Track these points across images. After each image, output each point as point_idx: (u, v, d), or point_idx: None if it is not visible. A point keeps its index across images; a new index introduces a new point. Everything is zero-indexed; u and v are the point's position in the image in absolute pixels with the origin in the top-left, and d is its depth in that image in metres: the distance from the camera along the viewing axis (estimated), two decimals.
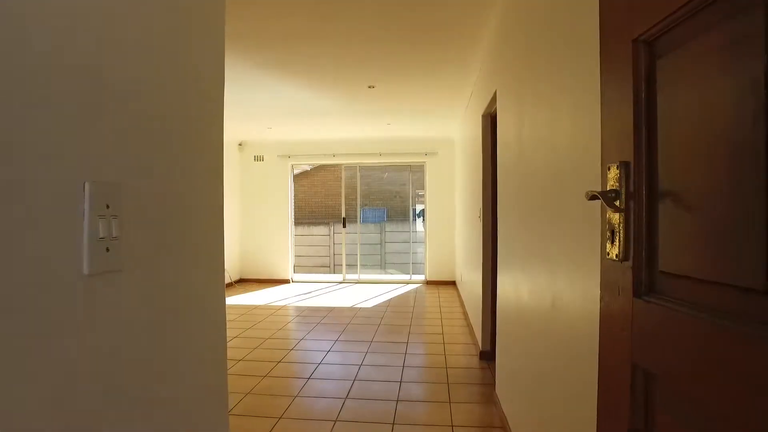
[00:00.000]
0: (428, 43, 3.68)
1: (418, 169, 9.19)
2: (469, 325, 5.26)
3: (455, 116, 6.43)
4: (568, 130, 1.55)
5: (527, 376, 2.17)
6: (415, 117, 6.50)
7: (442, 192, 8.42)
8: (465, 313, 5.87)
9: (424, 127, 7.31)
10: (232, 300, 7.05)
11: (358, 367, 3.97)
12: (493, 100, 3.41)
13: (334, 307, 6.52)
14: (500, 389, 3.07)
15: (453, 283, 8.31)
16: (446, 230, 8.38)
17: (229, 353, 4.26)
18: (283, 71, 4.39)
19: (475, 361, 4.09)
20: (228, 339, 4.86)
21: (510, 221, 2.63)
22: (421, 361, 4.20)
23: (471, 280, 5.26)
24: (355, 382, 3.62)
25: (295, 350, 4.49)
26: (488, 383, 3.55)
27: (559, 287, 1.64)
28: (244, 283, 8.64)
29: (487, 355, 4.05)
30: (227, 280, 8.20)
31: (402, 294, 7.58)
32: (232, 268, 8.44)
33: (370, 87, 4.93)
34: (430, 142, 8.40)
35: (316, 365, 4.04)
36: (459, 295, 7.13)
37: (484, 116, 4.04)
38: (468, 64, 4.19)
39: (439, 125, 7.18)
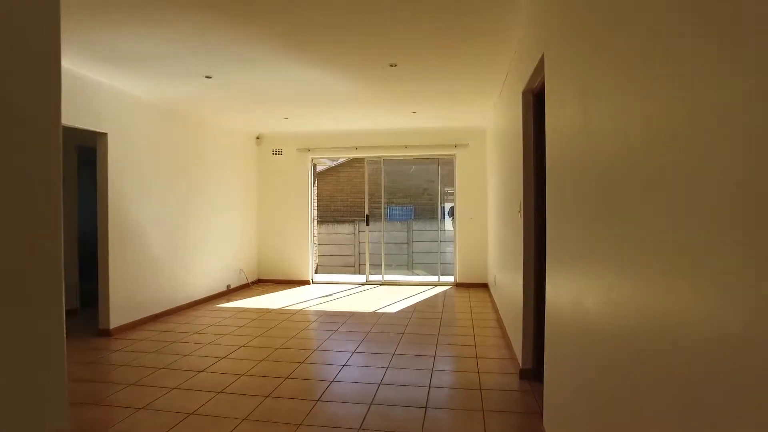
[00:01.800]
0: (456, 10, 3.09)
1: (447, 162, 8.57)
2: (504, 336, 4.63)
3: (487, 102, 5.80)
4: (688, 104, 0.96)
5: (597, 413, 1.57)
6: (443, 103, 5.89)
7: (473, 186, 7.78)
8: (499, 320, 5.24)
9: (453, 115, 6.69)
10: (246, 303, 6.59)
11: (376, 386, 3.41)
12: (539, 68, 2.79)
13: (355, 312, 5.98)
14: (550, 422, 2.45)
15: (485, 286, 7.67)
16: (478, 228, 7.75)
17: (232, 366, 3.77)
18: (294, 46, 3.86)
19: (514, 381, 3.48)
20: (233, 348, 4.39)
21: (571, 216, 2.01)
22: (451, 380, 3.60)
23: (507, 283, 4.63)
24: (372, 406, 3.06)
25: (306, 363, 3.96)
26: (533, 412, 2.94)
27: (682, 304, 1.04)
28: (261, 284, 8.20)
29: (530, 375, 3.43)
30: (243, 281, 7.76)
31: (429, 297, 6.98)
32: (249, 269, 8.01)
33: (391, 65, 4.35)
34: (459, 132, 7.78)
35: (327, 383, 3.49)
36: (492, 299, 6.49)
37: (525, 93, 3.42)
38: (505, 35, 3.57)
39: (470, 113, 6.55)
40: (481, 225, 7.73)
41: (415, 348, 4.38)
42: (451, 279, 8.16)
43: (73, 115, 4.38)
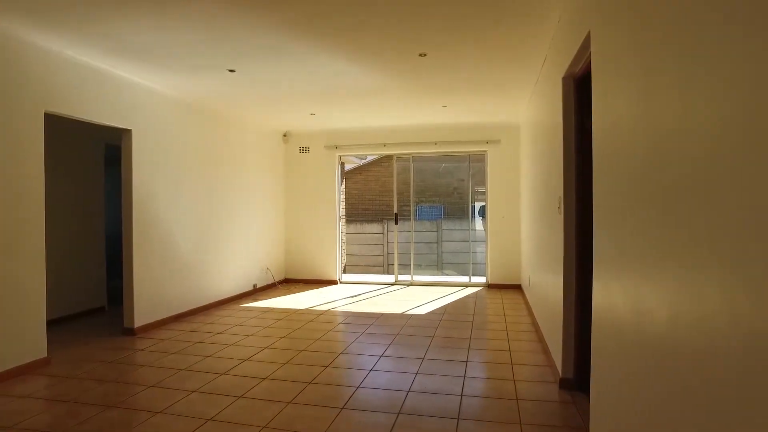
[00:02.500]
0: None
1: (478, 159, 8.29)
2: (541, 341, 4.36)
3: (522, 94, 5.51)
4: None
5: None
6: (475, 96, 5.63)
7: (506, 184, 7.49)
8: (535, 324, 4.96)
9: (485, 110, 6.42)
10: (271, 303, 6.48)
11: (405, 394, 3.20)
12: (584, 48, 2.53)
13: (383, 313, 5.78)
14: None
15: (518, 287, 7.36)
16: (510, 227, 7.45)
17: (254, 369, 3.62)
18: (318, 34, 3.68)
19: (553, 390, 3.21)
20: (257, 350, 4.25)
21: (627, 211, 1.76)
22: (485, 388, 3.36)
23: (544, 285, 4.36)
24: (400, 416, 2.85)
25: (331, 367, 3.78)
26: (576, 426, 2.68)
27: None
28: (288, 283, 8.10)
29: (571, 385, 3.16)
30: (270, 281, 7.67)
31: (460, 299, 6.73)
32: (276, 268, 7.92)
33: (421, 55, 4.14)
34: (491, 128, 7.49)
35: (353, 389, 3.31)
36: (526, 301, 6.20)
37: (565, 79, 3.15)
38: (544, 14, 3.31)
39: (502, 107, 6.27)
40: (514, 224, 7.42)
41: (445, 352, 4.15)
42: (482, 280, 7.88)
43: (98, 111, 4.33)
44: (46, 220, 3.93)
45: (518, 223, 7.38)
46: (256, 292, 7.20)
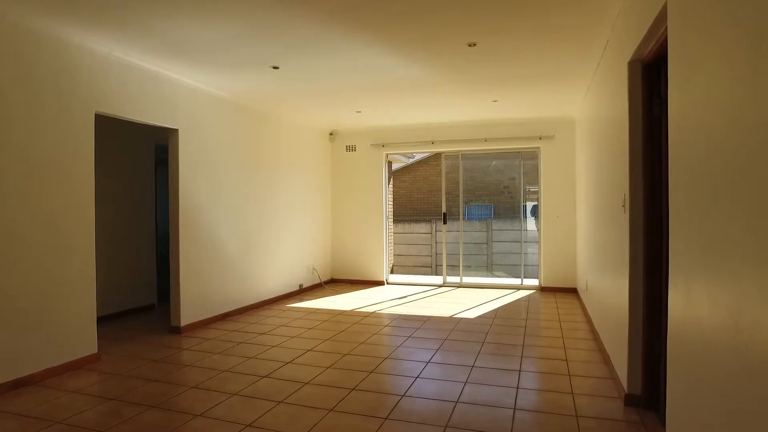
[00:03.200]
0: None
1: (530, 156, 7.91)
2: (601, 350, 4.03)
3: (579, 86, 5.16)
4: None
5: None
6: (527, 89, 5.32)
7: (560, 181, 7.10)
8: (593, 331, 4.61)
9: (538, 104, 6.08)
10: (317, 303, 6.41)
11: (453, 405, 3.00)
12: (656, 26, 2.24)
13: (431, 316, 5.58)
14: None
15: (573, 291, 6.96)
16: (565, 227, 7.05)
17: (296, 372, 3.52)
18: (361, 27, 3.53)
19: (617, 408, 2.91)
20: (300, 353, 4.14)
21: (720, 209, 1.49)
22: (540, 401, 3.10)
23: (605, 289, 4.02)
24: (447, 429, 2.65)
25: (375, 373, 3.62)
26: None
27: None
28: (334, 283, 8.03)
29: (638, 402, 2.85)
30: (316, 281, 7.62)
31: (512, 302, 6.42)
32: (322, 268, 7.86)
33: (470, 45, 3.91)
34: (545, 123, 7.12)
35: (398, 398, 3.13)
36: (583, 306, 5.82)
37: (632, 64, 2.84)
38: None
39: (557, 101, 5.92)
40: (569, 224, 7.02)
41: (497, 360, 3.90)
42: (535, 282, 7.51)
43: (145, 111, 4.37)
44: (99, 219, 3.99)
45: (574, 223, 6.98)
46: (302, 293, 7.16)
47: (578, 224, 6.66)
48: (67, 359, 3.67)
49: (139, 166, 5.87)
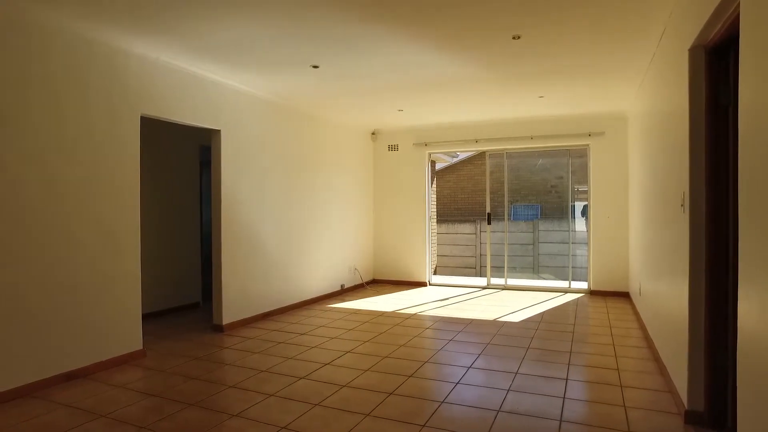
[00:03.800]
0: None
1: (579, 154, 7.59)
2: (656, 359, 3.77)
3: (632, 78, 4.87)
4: None
5: None
6: (576, 83, 5.08)
7: (611, 180, 6.76)
8: (647, 339, 4.33)
9: (588, 99, 5.80)
10: (358, 304, 6.36)
11: (494, 414, 2.86)
12: (723, 7, 2.04)
13: (474, 319, 5.42)
14: None
15: (625, 295, 6.61)
16: (616, 228, 6.71)
17: (334, 374, 3.47)
18: (401, 23, 3.44)
19: (676, 424, 2.69)
20: (339, 354, 4.10)
21: None
22: (589, 413, 2.91)
23: (660, 294, 3.76)
24: None
25: (414, 377, 3.52)
26: None
27: None
28: (376, 284, 7.97)
29: (701, 420, 2.62)
30: (358, 281, 7.59)
31: (558, 306, 6.16)
32: (364, 268, 7.83)
33: (514, 38, 3.74)
34: (594, 119, 6.80)
35: (437, 404, 3.02)
36: (636, 312, 5.50)
37: (693, 50, 2.62)
38: None
39: (608, 96, 5.62)
40: (621, 224, 6.68)
41: (542, 367, 3.72)
42: (583, 285, 7.20)
43: (189, 112, 4.45)
44: (145, 219, 4.10)
45: (626, 224, 6.63)
46: (344, 293, 7.14)
47: (631, 225, 6.32)
48: (115, 354, 3.78)
49: (185, 167, 6.01)
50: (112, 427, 2.71)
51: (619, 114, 6.62)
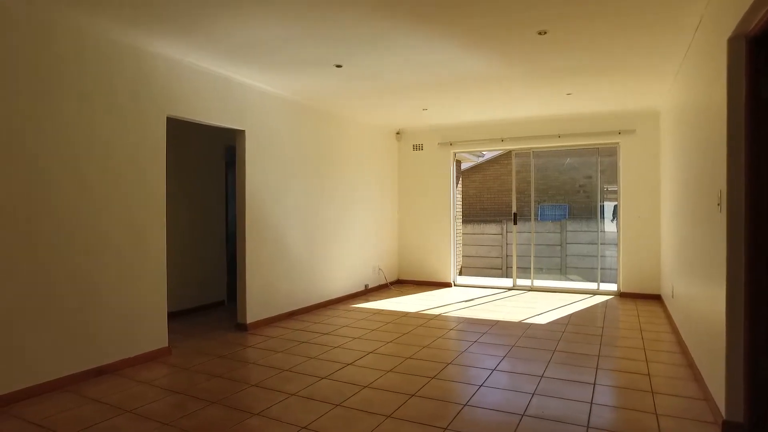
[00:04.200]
0: None
1: (608, 153, 7.39)
2: (690, 365, 3.62)
3: (664, 73, 4.70)
4: None
5: None
6: (605, 79, 4.93)
7: (642, 179, 6.56)
8: (681, 344, 4.17)
9: (618, 96, 5.64)
10: (382, 304, 6.34)
11: (519, 418, 2.78)
12: None
13: (499, 321, 5.33)
14: None
15: (657, 298, 6.40)
16: (647, 228, 6.51)
17: (356, 375, 3.45)
18: (423, 19, 3.39)
19: None
20: (361, 354, 4.07)
21: None
22: (618, 420, 2.81)
23: (695, 297, 3.61)
24: None
25: (437, 379, 3.47)
26: None
27: None
28: (401, 284, 7.93)
29: (739, 431, 2.49)
30: (382, 281, 7.56)
31: (586, 308, 6.00)
32: (388, 268, 7.79)
33: (540, 33, 3.65)
34: (624, 116, 6.61)
35: (460, 407, 2.96)
36: (668, 315, 5.32)
37: (734, 40, 2.49)
38: None
39: (639, 92, 5.45)
40: (653, 225, 6.47)
41: (569, 371, 3.62)
42: (612, 287, 7.00)
43: (214, 113, 4.50)
44: (171, 218, 4.16)
45: (658, 224, 6.42)
46: (368, 293, 7.13)
47: (663, 225, 6.11)
48: (141, 351, 3.84)
49: (211, 167, 6.09)
50: (137, 422, 2.75)
51: (650, 110, 6.42)
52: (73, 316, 3.37)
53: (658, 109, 6.34)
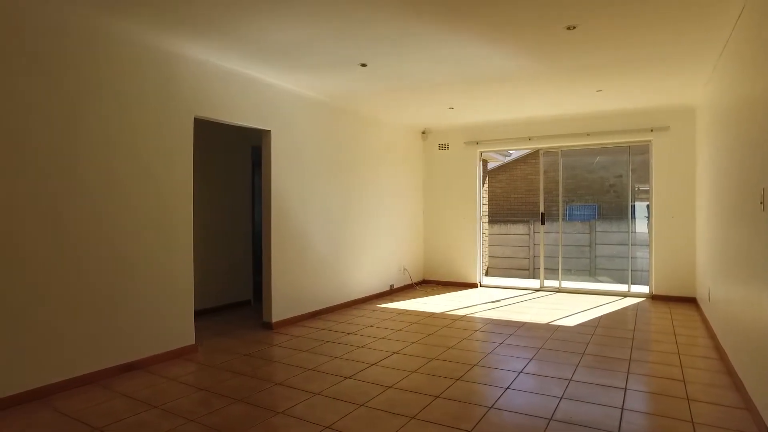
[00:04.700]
0: None
1: (640, 151, 7.18)
2: (729, 372, 3.47)
3: (700, 69, 4.53)
4: None
5: None
6: (637, 75, 4.79)
7: (677, 178, 6.35)
8: (718, 349, 4.01)
9: (650, 92, 5.46)
10: (407, 305, 6.30)
11: (546, 422, 2.71)
12: None
13: (526, 322, 5.23)
14: None
15: (692, 301, 6.18)
16: (682, 228, 6.29)
17: (380, 375, 3.43)
18: (449, 15, 3.35)
19: None
20: (386, 355, 4.05)
21: None
22: (651, 427, 2.70)
23: (734, 300, 3.47)
24: None
25: (462, 381, 3.42)
26: None
27: None
28: (426, 285, 7.88)
29: None
30: (407, 281, 7.52)
31: (617, 311, 5.84)
32: (414, 269, 7.75)
33: (569, 28, 3.56)
34: (657, 113, 6.42)
35: (485, 410, 2.90)
36: (704, 319, 5.13)
37: None
38: None
39: (673, 88, 5.27)
40: (687, 225, 6.26)
41: (598, 375, 3.51)
42: (644, 289, 6.80)
43: (240, 113, 4.54)
44: (198, 218, 4.22)
45: (693, 224, 6.20)
46: (393, 293, 7.10)
47: (699, 225, 5.91)
48: (169, 348, 3.90)
49: (237, 168, 6.16)
50: (164, 418, 2.79)
51: (685, 106, 6.20)
52: (104, 312, 3.45)
53: (693, 105, 6.12)
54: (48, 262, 3.14)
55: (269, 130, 4.88)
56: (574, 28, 3.55)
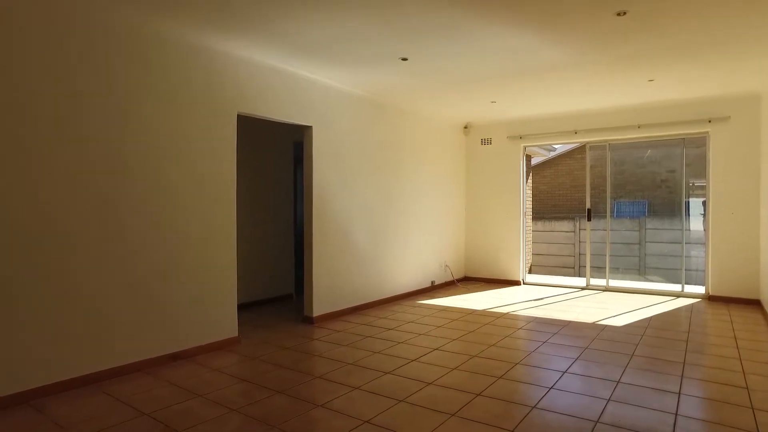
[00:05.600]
0: None
1: (695, 144, 6.81)
2: None
3: (765, 51, 4.23)
4: None
5: None
6: (693, 62, 4.52)
7: (737, 171, 5.99)
8: None
9: (708, 80, 5.16)
10: (448, 301, 6.23)
11: (592, 425, 2.60)
12: None
13: (571, 321, 5.06)
14: None
15: (755, 303, 5.83)
16: (743, 226, 5.94)
17: (421, 371, 3.40)
18: (487, 3, 3.26)
19: None
20: (426, 351, 4.00)
21: None
22: None
23: None
24: None
25: (504, 379, 3.33)
26: None
27: None
28: (468, 282, 7.77)
29: None
30: (449, 278, 7.44)
31: (669, 311, 5.57)
32: (455, 265, 7.66)
33: (619, 14, 3.40)
34: (715, 102, 6.06)
35: (527, 410, 2.81)
36: None
37: None
38: None
39: (733, 74, 4.95)
40: (749, 221, 5.89)
41: (649, 378, 3.35)
42: (700, 290, 6.46)
43: (282, 110, 4.59)
44: (243, 214, 4.30)
45: (756, 221, 5.84)
46: (434, 289, 7.04)
47: (763, 222, 5.55)
48: (213, 339, 4.00)
49: (280, 163, 6.25)
50: (208, 407, 2.85)
51: (748, 94, 5.83)
52: (153, 303, 3.57)
53: (759, 92, 5.74)
54: (101, 255, 3.27)
55: (310, 126, 4.91)
56: (625, 13, 3.39)
